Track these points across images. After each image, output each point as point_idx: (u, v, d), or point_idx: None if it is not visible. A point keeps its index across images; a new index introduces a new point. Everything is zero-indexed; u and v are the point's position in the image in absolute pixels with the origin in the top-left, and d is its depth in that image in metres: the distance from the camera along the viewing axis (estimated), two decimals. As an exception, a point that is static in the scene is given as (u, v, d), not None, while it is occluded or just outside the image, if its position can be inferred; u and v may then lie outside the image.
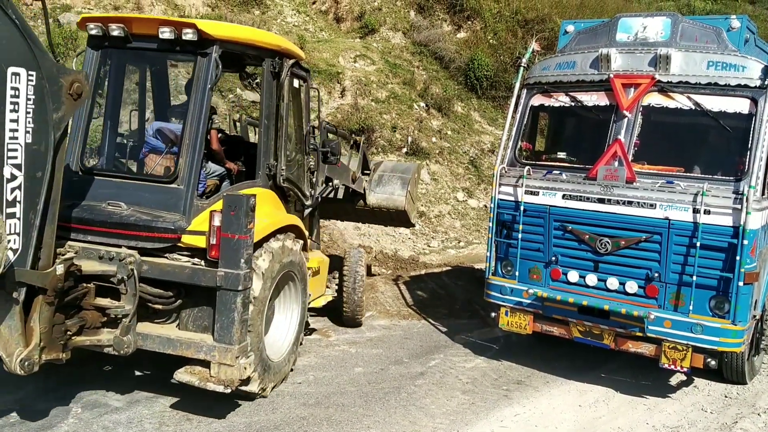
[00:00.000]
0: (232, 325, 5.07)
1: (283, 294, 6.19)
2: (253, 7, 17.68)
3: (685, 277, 6.12)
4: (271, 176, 6.16)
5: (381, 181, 9.08)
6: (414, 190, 9.34)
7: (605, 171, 6.39)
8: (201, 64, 5.44)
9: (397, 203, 8.90)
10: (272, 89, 6.16)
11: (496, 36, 19.58)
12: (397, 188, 8.94)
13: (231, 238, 5.03)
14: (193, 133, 5.43)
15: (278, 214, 6.19)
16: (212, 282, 5.08)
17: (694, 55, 6.27)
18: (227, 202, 5.10)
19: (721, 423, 5.94)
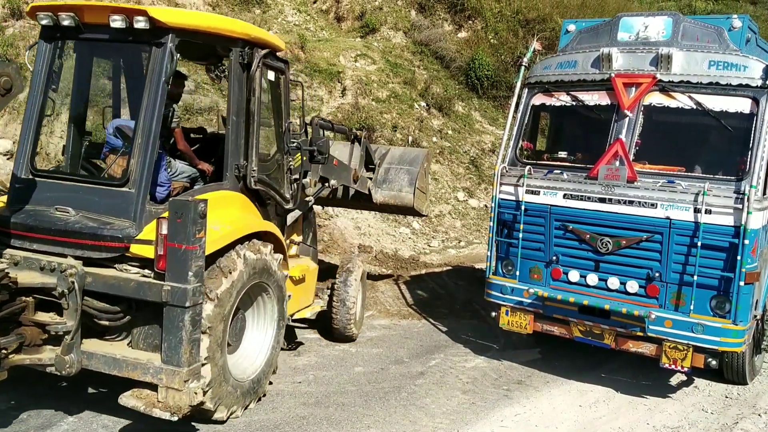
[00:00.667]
0: (180, 345, 4.51)
1: (256, 306, 5.69)
2: (253, 6, 17.67)
3: (686, 276, 6.11)
4: (240, 178, 5.62)
5: (387, 176, 8.63)
6: (424, 181, 8.88)
7: (606, 170, 6.37)
8: (155, 55, 4.95)
9: (405, 200, 8.52)
10: (241, 82, 5.62)
11: (497, 35, 19.57)
12: (405, 184, 8.51)
13: (178, 248, 4.47)
14: (145, 131, 4.91)
15: (247, 219, 5.61)
16: (158, 297, 4.55)
17: (696, 54, 6.27)
18: (173, 207, 4.53)
19: (722, 423, 5.93)
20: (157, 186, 5.36)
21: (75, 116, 6.03)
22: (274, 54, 5.98)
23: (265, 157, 6.02)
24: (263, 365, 5.65)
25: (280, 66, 6.12)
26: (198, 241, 4.52)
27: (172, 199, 4.79)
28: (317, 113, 14.55)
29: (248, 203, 5.77)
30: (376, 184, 8.58)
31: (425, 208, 9.06)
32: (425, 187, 8.94)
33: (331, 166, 7.33)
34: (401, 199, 8.48)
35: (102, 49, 5.81)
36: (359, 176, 8.22)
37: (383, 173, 8.64)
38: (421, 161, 8.66)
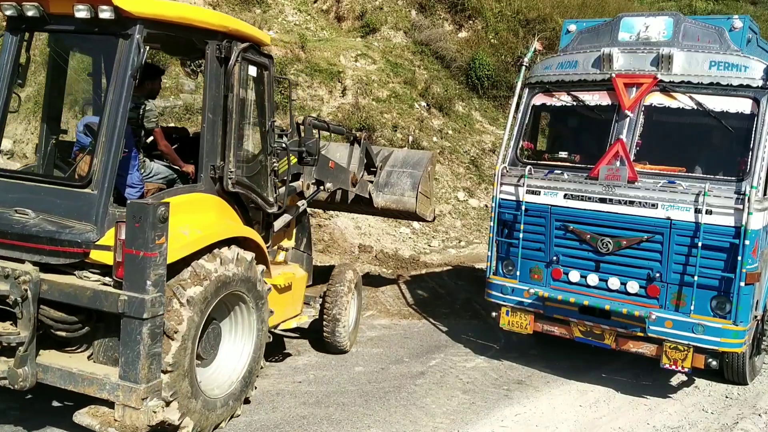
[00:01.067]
0: (137, 360, 4.18)
1: (234, 317, 5.33)
2: (254, 6, 17.66)
3: (687, 277, 6.11)
4: (217, 179, 5.23)
5: (389, 179, 8.27)
6: (429, 185, 8.55)
7: (607, 171, 6.37)
8: (121, 46, 4.60)
9: (408, 205, 8.13)
10: (218, 77, 5.23)
11: (498, 35, 19.57)
12: (407, 188, 8.13)
13: (135, 255, 4.16)
14: (109, 129, 4.55)
15: (221, 224, 5.22)
16: (114, 307, 4.24)
17: (697, 54, 6.26)
18: (130, 211, 4.21)
19: (722, 423, 5.93)
20: (128, 187, 5.10)
21: (46, 113, 5.79)
22: (256, 48, 5.62)
23: (244, 158, 5.65)
24: (239, 381, 5.27)
25: (262, 61, 5.76)
26: (158, 248, 4.19)
27: (130, 201, 4.43)
28: (317, 113, 14.54)
29: (225, 207, 5.38)
30: (377, 187, 8.25)
31: (429, 214, 8.70)
32: (429, 191, 8.62)
33: (327, 169, 7.04)
34: (403, 204, 8.13)
35: (70, 41, 5.49)
36: (358, 179, 7.86)
37: (385, 176, 8.31)
38: (425, 164, 8.31)
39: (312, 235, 7.45)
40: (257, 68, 5.71)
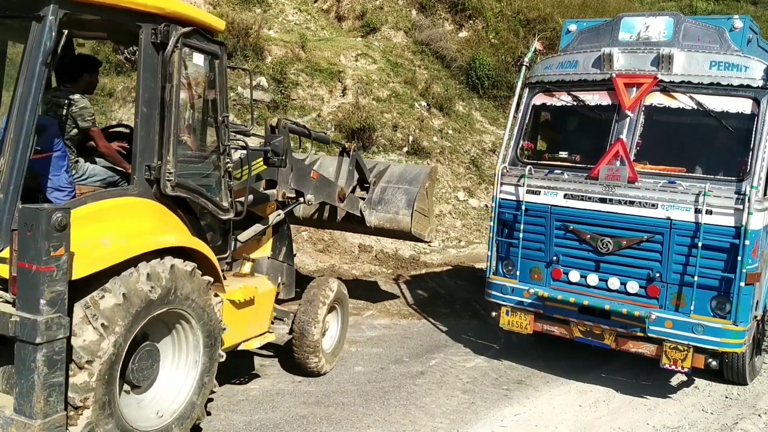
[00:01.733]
0: (32, 392, 3.62)
1: (175, 336, 4.70)
2: (254, 6, 17.66)
3: (687, 277, 6.11)
4: (153, 181, 4.62)
5: (383, 196, 7.73)
6: (426, 203, 7.99)
7: (607, 171, 6.37)
8: (33, 30, 4.01)
9: (402, 224, 7.62)
10: (153, 65, 4.58)
11: (498, 35, 19.57)
12: (402, 206, 7.61)
13: (28, 269, 3.61)
14: (17, 125, 4.00)
15: (154, 233, 4.55)
16: (5, 330, 3.70)
17: (697, 55, 6.26)
18: (22, 217, 3.66)
19: (722, 424, 5.93)
20: (54, 191, 4.54)
21: None
22: (204, 34, 4.97)
23: (189, 157, 5.10)
24: (180, 411, 4.62)
25: (211, 49, 5.10)
26: (53, 261, 3.61)
27: (22, 206, 3.83)
28: (317, 113, 14.55)
29: (164, 213, 4.75)
30: (370, 205, 7.71)
31: (428, 234, 8.12)
32: (427, 209, 8.05)
33: (307, 179, 6.55)
34: (397, 223, 7.62)
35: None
36: (346, 194, 7.28)
37: (379, 193, 7.78)
38: (423, 180, 7.79)
39: (293, 243, 6.83)
40: (205, 56, 5.07)
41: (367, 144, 14.20)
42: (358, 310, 8.93)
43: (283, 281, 6.41)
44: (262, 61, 14.66)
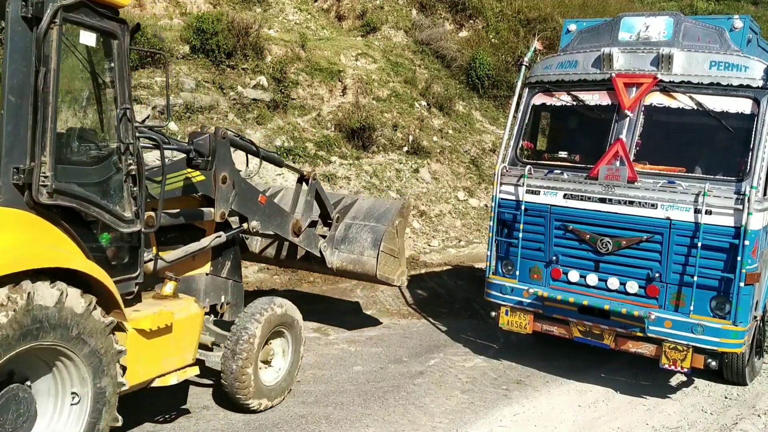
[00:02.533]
0: None
1: (57, 375, 3.85)
2: (254, 5, 17.66)
3: (686, 277, 6.11)
4: (24, 187, 3.78)
5: (348, 233, 6.97)
6: (396, 242, 7.16)
7: (607, 170, 6.37)
8: None
9: (366, 267, 6.83)
10: (24, 46, 3.77)
11: (498, 35, 19.58)
12: (367, 246, 6.84)
13: None
14: None
15: (20, 250, 3.59)
16: None
17: (697, 54, 6.26)
18: None
19: (721, 424, 5.92)
20: None
21: None
22: (97, 9, 4.12)
23: (75, 159, 4.32)
24: None
25: (107, 27, 4.20)
26: None
27: None
28: (317, 112, 14.55)
29: (40, 225, 3.85)
30: (332, 243, 6.93)
31: (397, 277, 7.21)
32: (398, 249, 7.21)
33: (253, 203, 5.76)
34: (362, 265, 6.83)
35: None
36: (303, 228, 6.42)
37: (343, 230, 7.01)
38: (392, 216, 7.02)
39: (240, 256, 6.03)
40: (98, 36, 4.20)
41: (367, 143, 14.20)
42: (358, 309, 8.94)
43: (227, 300, 5.75)
44: (262, 61, 14.65)
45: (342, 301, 9.31)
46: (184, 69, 13.84)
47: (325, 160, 13.44)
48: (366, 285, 9.93)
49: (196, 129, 5.46)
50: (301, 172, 6.65)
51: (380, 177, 13.86)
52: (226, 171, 5.31)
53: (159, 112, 12.77)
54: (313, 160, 13.27)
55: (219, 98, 13.51)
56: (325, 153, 13.64)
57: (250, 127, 13.34)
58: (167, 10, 17.12)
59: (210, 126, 5.20)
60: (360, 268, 6.85)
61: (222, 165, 5.26)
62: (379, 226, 6.92)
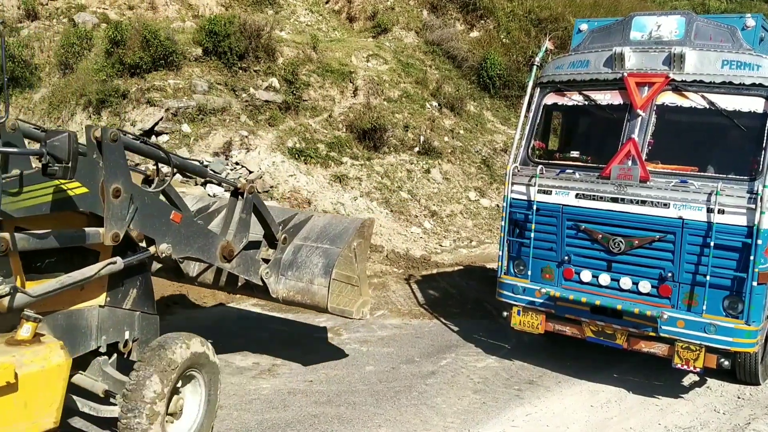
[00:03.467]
0: None
1: None
2: (266, 7, 17.74)
3: (699, 276, 6.08)
4: None
5: (296, 257, 5.84)
6: (355, 268, 5.98)
7: (619, 170, 6.36)
8: None
9: (317, 298, 5.68)
10: None
11: (509, 35, 19.56)
12: (318, 272, 5.69)
13: None
14: None
15: None
16: None
17: (709, 53, 6.24)
18: None
19: (734, 424, 5.90)
20: None
21: None
22: None
23: None
24: None
25: None
26: None
27: None
28: (329, 113, 14.59)
29: None
30: (278, 269, 5.82)
31: (357, 308, 6.00)
32: (357, 276, 6.02)
33: (162, 221, 4.62)
34: (311, 296, 5.70)
35: None
36: (235, 251, 5.33)
37: (291, 253, 5.88)
38: (350, 237, 5.88)
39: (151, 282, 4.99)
40: None
41: (379, 144, 14.23)
42: (370, 310, 8.94)
43: (134, 337, 4.80)
44: (274, 62, 14.72)
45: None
46: (196, 71, 13.94)
47: (336, 161, 13.48)
48: (377, 285, 9.96)
49: (56, 128, 4.37)
50: (234, 184, 5.55)
51: (391, 177, 13.88)
52: (118, 182, 4.17)
53: (172, 114, 12.87)
54: (324, 161, 13.32)
55: (231, 100, 13.58)
56: (336, 154, 13.68)
57: (262, 128, 13.41)
58: (180, 13, 17.24)
59: (97, 125, 4.17)
60: (309, 298, 5.73)
61: (113, 175, 4.16)
62: (333, 248, 5.80)
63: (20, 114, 14.55)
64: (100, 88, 13.32)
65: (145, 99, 13.05)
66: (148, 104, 13.00)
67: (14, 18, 16.40)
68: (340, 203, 12.43)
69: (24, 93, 14.87)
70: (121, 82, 13.45)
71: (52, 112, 14.27)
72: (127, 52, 13.41)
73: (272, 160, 12.69)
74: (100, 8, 16.91)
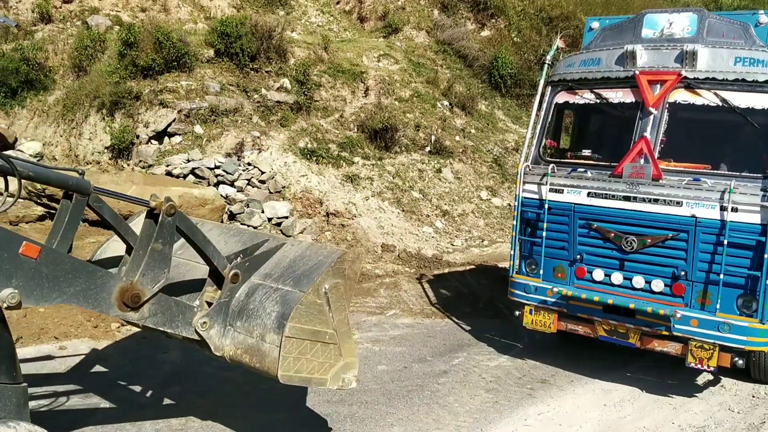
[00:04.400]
0: None
1: None
2: (277, 8, 17.79)
3: (712, 275, 6.05)
4: None
5: (249, 302, 4.21)
6: (331, 318, 4.18)
7: (631, 168, 6.33)
8: None
9: (267, 362, 4.02)
10: None
11: (520, 34, 19.52)
12: (270, 325, 4.03)
13: None
14: None
15: None
16: None
17: (721, 50, 6.20)
18: None
19: (749, 423, 5.87)
20: None
21: None
22: None
23: None
24: None
25: None
26: None
27: None
28: (340, 114, 14.62)
29: None
30: (224, 317, 4.24)
31: (333, 375, 4.24)
32: (333, 331, 4.20)
33: (6, 257, 3.43)
34: (260, 358, 4.05)
35: None
36: (144, 296, 3.93)
37: (244, 295, 4.26)
38: (317, 279, 4.11)
39: (15, 351, 3.84)
40: None
41: (390, 144, 14.25)
42: (382, 309, 8.97)
43: None
44: (286, 63, 14.77)
45: (365, 300, 9.34)
46: (209, 72, 14.01)
47: (348, 161, 13.50)
48: (389, 284, 9.98)
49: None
50: (144, 202, 4.00)
51: (403, 177, 13.89)
52: None
53: (185, 115, 12.94)
54: (336, 161, 13.35)
55: (243, 101, 13.64)
56: (348, 154, 13.71)
57: (274, 129, 13.45)
58: (192, 15, 17.33)
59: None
60: (258, 361, 4.06)
61: None
62: (294, 292, 4.09)
63: (35, 117, 14.69)
64: (113, 90, 13.42)
65: (158, 100, 13.13)
66: (160, 106, 13.08)
67: (29, 21, 16.55)
68: (352, 203, 12.45)
69: (39, 96, 14.99)
70: (134, 83, 13.54)
71: (66, 114, 14.39)
72: (139, 54, 13.50)
73: (284, 160, 12.73)
74: (113, 11, 17.03)
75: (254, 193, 11.94)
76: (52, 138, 14.32)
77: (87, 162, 13.41)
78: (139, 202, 4.06)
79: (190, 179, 11.81)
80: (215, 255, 4.27)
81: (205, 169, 11.86)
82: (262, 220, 11.30)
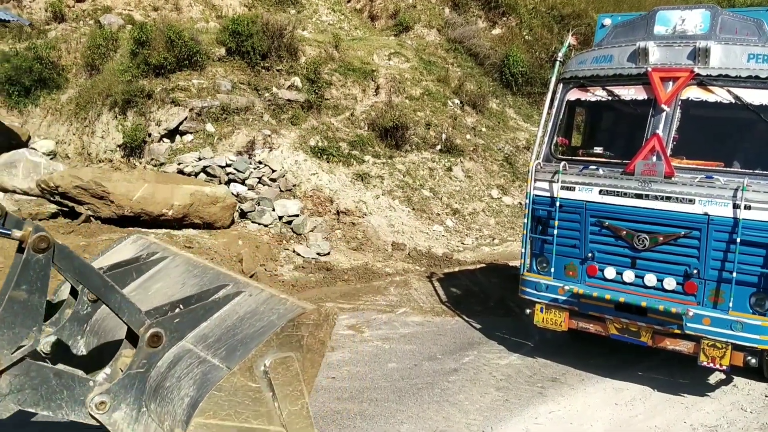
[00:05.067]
0: None
1: None
2: (288, 6, 17.83)
3: (725, 273, 6.00)
4: None
5: (167, 377, 3.02)
6: (273, 409, 2.93)
7: (643, 166, 6.30)
8: None
9: None
10: None
11: (532, 32, 19.46)
12: (179, 416, 2.83)
13: None
14: None
15: None
16: None
17: (734, 47, 6.15)
18: None
19: (761, 423, 5.82)
20: None
21: None
22: None
23: None
24: None
25: None
26: None
27: None
28: (351, 112, 14.64)
29: None
30: (138, 394, 3.06)
31: None
32: (283, 426, 2.96)
33: None
34: None
35: None
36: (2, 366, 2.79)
37: (166, 366, 3.08)
38: (254, 350, 2.88)
39: None
40: None
41: (400, 142, 14.25)
42: (392, 307, 8.97)
43: None
44: (297, 62, 14.80)
45: (376, 298, 9.35)
46: (220, 71, 14.05)
47: (358, 160, 13.51)
48: (399, 283, 9.98)
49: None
50: (7, 233, 2.84)
51: (413, 175, 13.89)
52: None
53: (196, 113, 12.99)
54: (346, 160, 13.36)
55: (254, 99, 13.68)
56: (358, 152, 13.71)
57: (285, 127, 13.48)
58: (203, 14, 17.39)
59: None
60: None
61: None
62: (221, 368, 2.92)
63: (48, 115, 14.79)
64: (125, 89, 13.49)
65: (170, 99, 13.19)
66: (172, 104, 13.14)
67: (42, 20, 16.66)
68: (363, 201, 12.46)
69: (52, 94, 15.10)
70: (146, 82, 13.61)
71: (78, 112, 14.48)
72: (151, 53, 13.56)
73: (295, 158, 12.75)
74: (125, 10, 17.12)
75: (265, 191, 11.98)
76: (65, 136, 14.42)
77: (99, 160, 13.50)
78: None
79: (201, 177, 11.86)
80: (125, 306, 3.07)
81: (216, 167, 11.90)
82: (273, 218, 11.33)
